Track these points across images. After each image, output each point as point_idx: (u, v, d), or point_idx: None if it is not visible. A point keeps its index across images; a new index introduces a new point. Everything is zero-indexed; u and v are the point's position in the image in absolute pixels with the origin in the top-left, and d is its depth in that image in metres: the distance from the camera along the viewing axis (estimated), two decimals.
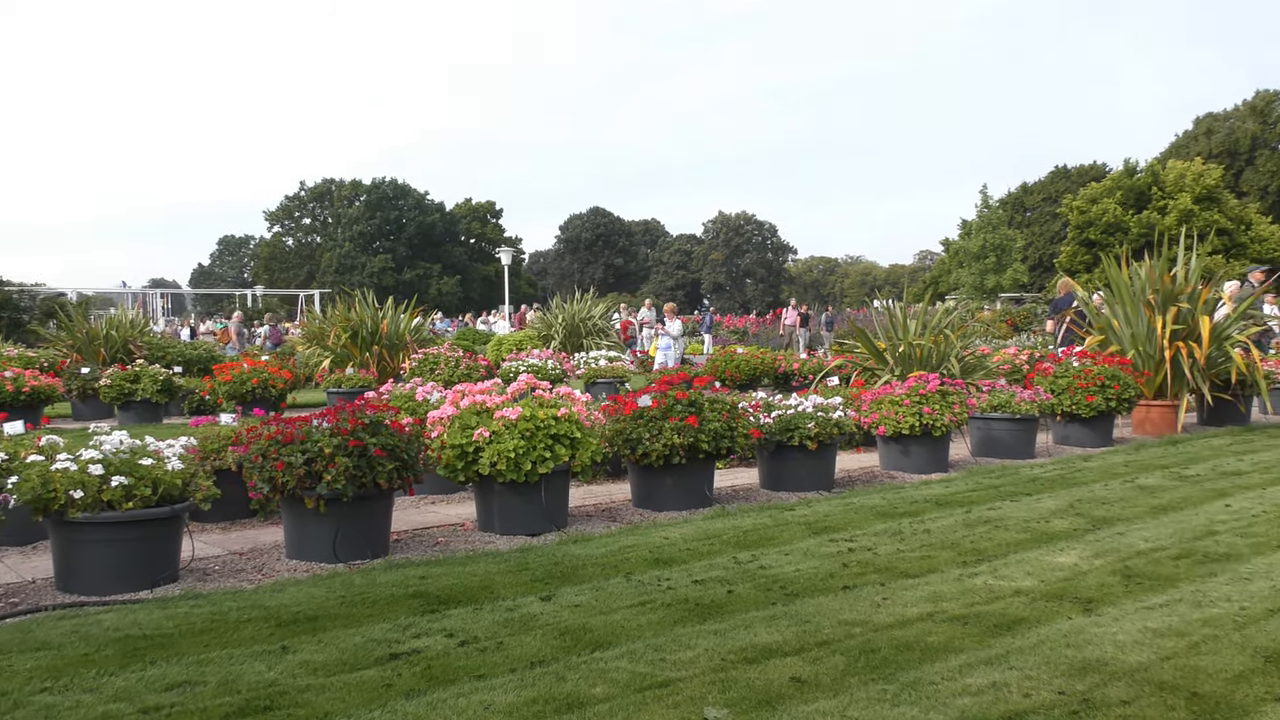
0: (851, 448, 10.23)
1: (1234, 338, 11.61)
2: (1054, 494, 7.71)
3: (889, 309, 11.74)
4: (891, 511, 7.08)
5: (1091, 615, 4.62)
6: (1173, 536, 6.21)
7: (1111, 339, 11.80)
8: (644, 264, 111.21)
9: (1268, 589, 5.02)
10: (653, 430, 7.04)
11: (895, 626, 4.45)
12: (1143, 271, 11.75)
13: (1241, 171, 63.29)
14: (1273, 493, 7.67)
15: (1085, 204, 53.68)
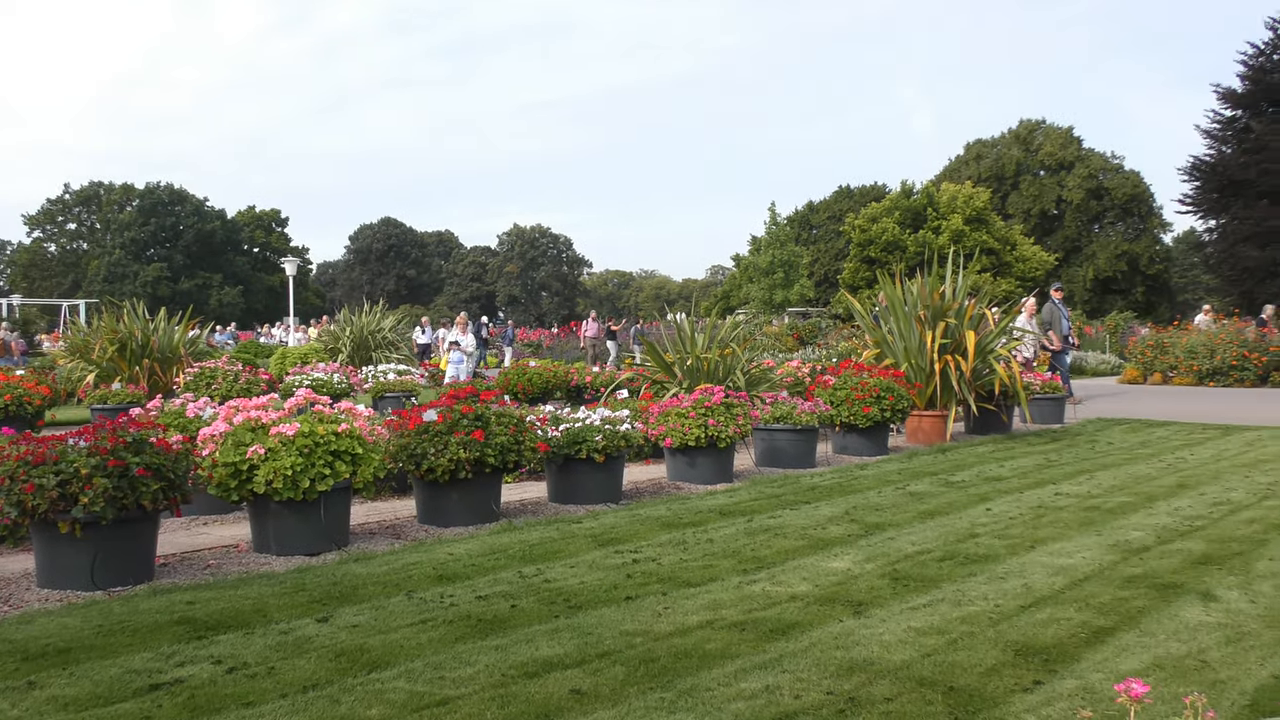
0: (640, 460, 10.40)
1: (997, 351, 12.46)
2: (831, 502, 8.06)
3: (677, 323, 12.01)
4: (677, 522, 7.23)
5: (861, 617, 4.85)
6: (938, 540, 6.60)
7: (887, 352, 12.46)
8: (437, 276, 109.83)
9: (1020, 587, 5.40)
10: (438, 445, 6.96)
11: (675, 635, 4.55)
12: (915, 288, 12.46)
13: (1008, 195, 67.97)
14: (1029, 496, 8.26)
15: (866, 223, 56.39)
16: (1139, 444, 11.75)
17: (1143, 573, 5.68)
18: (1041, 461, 10.33)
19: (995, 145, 70.71)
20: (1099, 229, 67.07)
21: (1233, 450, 11.06)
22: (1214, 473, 9.46)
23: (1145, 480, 9.05)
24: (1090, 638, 4.53)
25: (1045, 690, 3.87)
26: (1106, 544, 6.44)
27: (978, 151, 71.06)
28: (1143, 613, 4.90)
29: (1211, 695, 3.82)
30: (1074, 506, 7.77)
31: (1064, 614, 4.89)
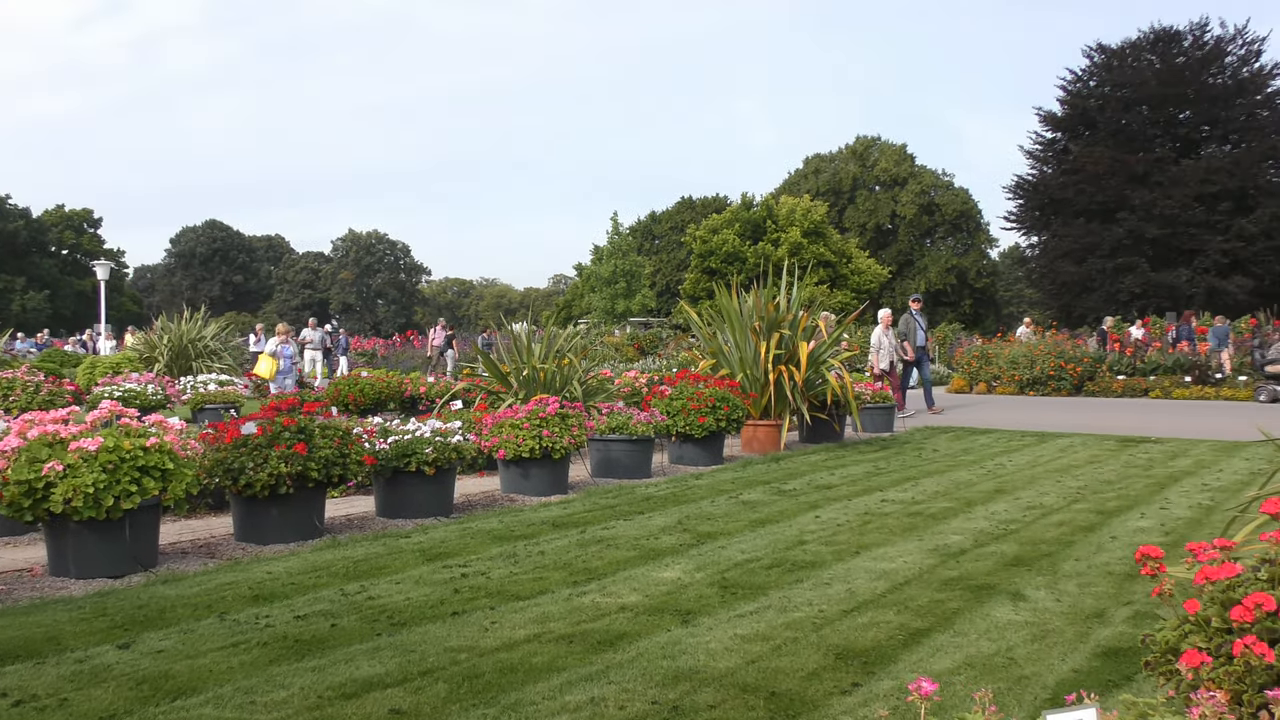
0: (474, 472, 10.31)
1: (829, 362, 12.84)
2: (665, 512, 8.15)
3: (514, 333, 11.97)
4: (509, 535, 7.20)
5: (689, 626, 4.92)
6: (768, 547, 6.75)
7: (723, 363, 12.70)
8: (266, 282, 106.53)
9: (844, 592, 5.57)
10: (257, 459, 6.74)
11: (501, 649, 4.52)
12: (750, 300, 12.74)
13: (845, 209, 70.26)
14: (857, 503, 8.54)
15: (707, 234, 57.40)
16: (962, 451, 12.29)
17: (959, 575, 5.93)
18: (870, 469, 10.68)
19: (833, 160, 73.02)
20: (930, 243, 69.98)
21: (1047, 456, 11.68)
22: (1029, 478, 9.97)
23: (966, 486, 9.47)
24: (908, 639, 4.71)
25: (863, 692, 4.00)
26: (927, 548, 6.71)
27: (816, 166, 73.25)
28: (957, 614, 5.12)
29: (1016, 690, 4.02)
30: (899, 513, 8.07)
31: (884, 617, 5.07)
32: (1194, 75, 47.64)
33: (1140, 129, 48.44)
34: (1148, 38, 49.54)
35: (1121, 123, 48.71)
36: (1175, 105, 48.46)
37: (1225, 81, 47.86)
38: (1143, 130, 48.45)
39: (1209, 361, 23.13)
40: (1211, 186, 44.96)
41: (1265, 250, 44.80)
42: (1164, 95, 47.78)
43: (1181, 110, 48.72)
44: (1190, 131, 48.97)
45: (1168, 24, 50.23)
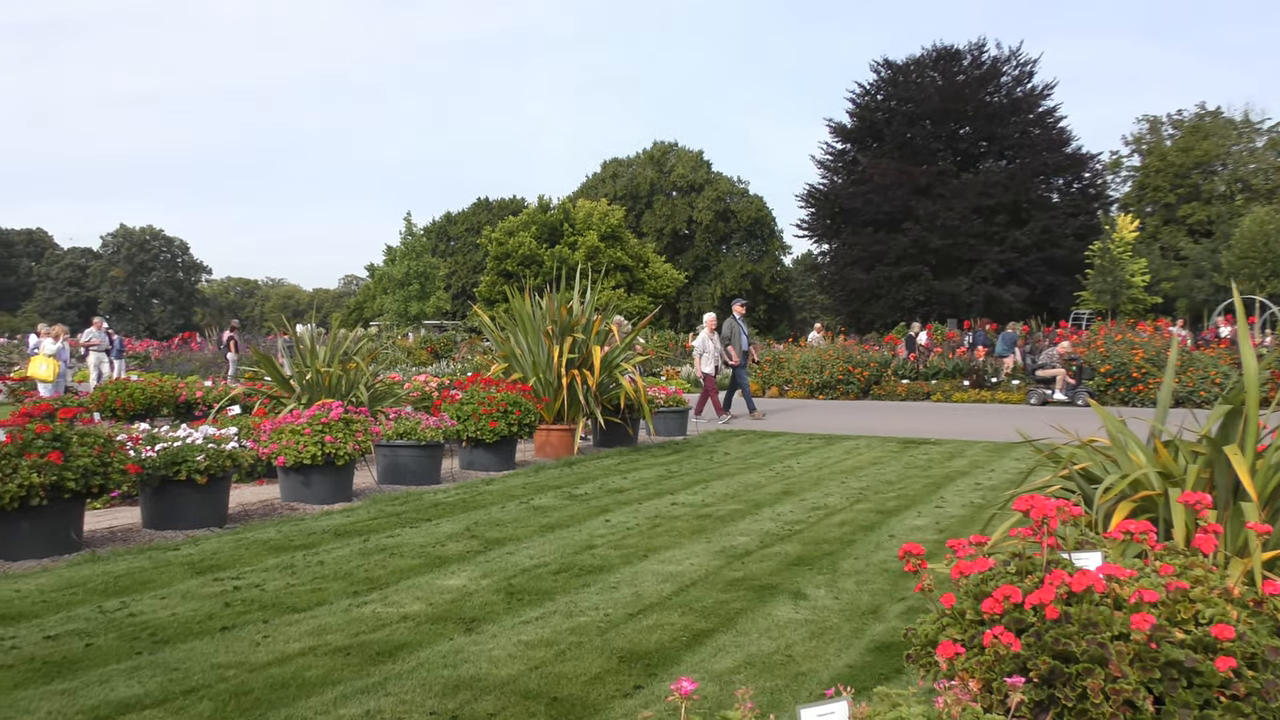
0: (253, 480, 9.95)
1: (623, 366, 13.01)
2: (453, 518, 8.07)
3: (297, 335, 11.62)
4: (287, 545, 6.98)
5: (472, 634, 4.89)
6: (556, 553, 6.78)
7: (515, 366, 12.68)
8: (27, 279, 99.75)
9: (631, 595, 5.65)
10: (5, 469, 6.31)
11: (274, 664, 4.38)
12: (544, 303, 12.77)
13: (642, 214, 71.27)
14: (648, 507, 8.67)
15: (504, 236, 57.21)
16: (753, 454, 12.66)
17: (743, 576, 6.11)
18: (663, 473, 10.88)
19: (631, 165, 73.98)
20: (726, 249, 71.80)
21: (834, 458, 12.17)
22: (816, 479, 10.36)
23: (755, 488, 9.76)
24: (691, 640, 4.82)
25: (644, 694, 4.07)
26: (714, 550, 6.88)
27: (614, 170, 74.04)
28: (740, 614, 5.28)
29: (793, 687, 4.17)
30: (688, 515, 8.24)
31: (669, 619, 5.17)
32: (973, 93, 50.64)
33: (924, 143, 51.11)
34: (931, 55, 52.35)
35: (907, 136, 51.28)
36: (956, 121, 51.38)
37: (1001, 100, 51.09)
38: (927, 144, 51.14)
39: (986, 366, 24.60)
40: (989, 200, 47.88)
41: (1037, 261, 48.03)
42: (946, 111, 50.60)
43: (962, 126, 51.69)
44: (970, 146, 52.02)
45: (949, 43, 53.01)
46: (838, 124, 53.42)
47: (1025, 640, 2.70)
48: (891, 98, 52.33)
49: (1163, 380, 4.72)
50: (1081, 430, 4.72)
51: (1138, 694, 2.54)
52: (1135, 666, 2.61)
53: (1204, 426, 3.97)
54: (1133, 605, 2.71)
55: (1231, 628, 2.65)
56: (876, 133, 52.38)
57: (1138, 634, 2.58)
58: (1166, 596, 2.80)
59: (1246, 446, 3.81)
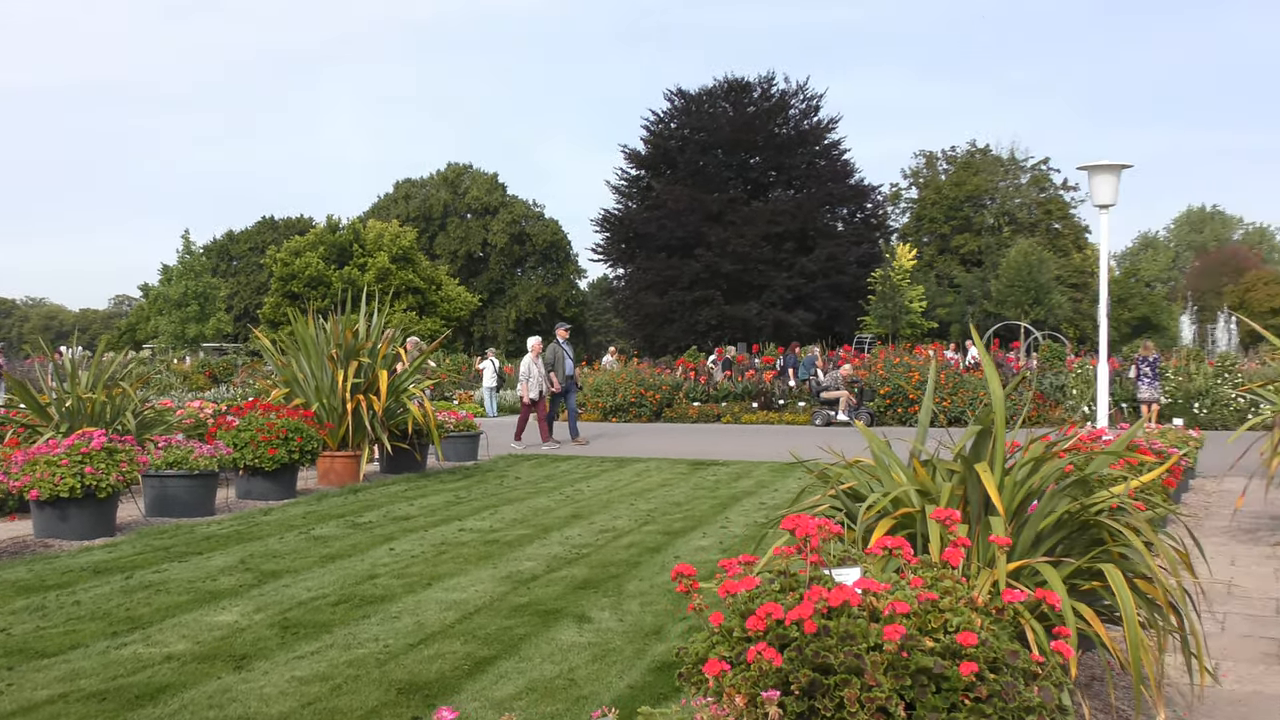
0: (4, 515, 9.30)
1: (410, 390, 12.82)
2: (227, 551, 7.76)
3: (55, 359, 10.96)
4: (39, 585, 6.56)
5: (243, 672, 4.72)
6: (336, 583, 6.62)
7: (297, 392, 12.31)
8: None
9: (412, 624, 5.57)
10: None
11: (18, 714, 4.12)
12: (329, 326, 12.46)
13: (436, 235, 70.46)
14: (434, 534, 8.57)
15: (289, 256, 55.50)
16: (544, 478, 12.68)
17: (529, 601, 6.12)
18: (451, 499, 10.76)
19: (424, 186, 73.09)
20: (522, 272, 71.76)
21: (624, 481, 12.32)
22: (605, 502, 10.47)
23: (544, 512, 9.78)
24: (473, 668, 4.79)
25: None
26: (500, 575, 6.86)
27: (407, 191, 72.99)
28: (524, 639, 5.28)
29: (574, 710, 4.20)
30: (476, 541, 8.19)
31: (451, 647, 5.12)
32: (763, 124, 52.44)
33: (716, 171, 52.54)
34: (722, 86, 53.92)
35: (700, 164, 52.59)
36: (747, 150, 53.05)
37: (790, 132, 53.10)
38: (718, 172, 52.58)
39: (774, 388, 25.42)
40: (778, 227, 49.59)
41: (823, 287, 50.03)
42: (737, 140, 52.18)
43: (753, 155, 53.41)
44: (760, 175, 53.79)
45: (740, 75, 54.71)
46: (632, 150, 54.31)
47: (788, 655, 2.81)
48: (685, 126, 53.58)
49: (930, 401, 5.00)
50: (857, 451, 4.94)
51: (891, 701, 2.68)
52: (889, 675, 2.75)
53: (957, 445, 4.24)
54: (887, 617, 2.86)
55: (975, 635, 2.83)
56: (670, 160, 53.51)
57: (890, 644, 2.72)
58: (918, 607, 2.96)
59: (995, 464, 4.08)
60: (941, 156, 67.26)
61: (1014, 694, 2.78)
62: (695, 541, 8.22)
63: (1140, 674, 3.60)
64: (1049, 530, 4.13)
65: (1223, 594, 6.53)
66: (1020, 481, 4.10)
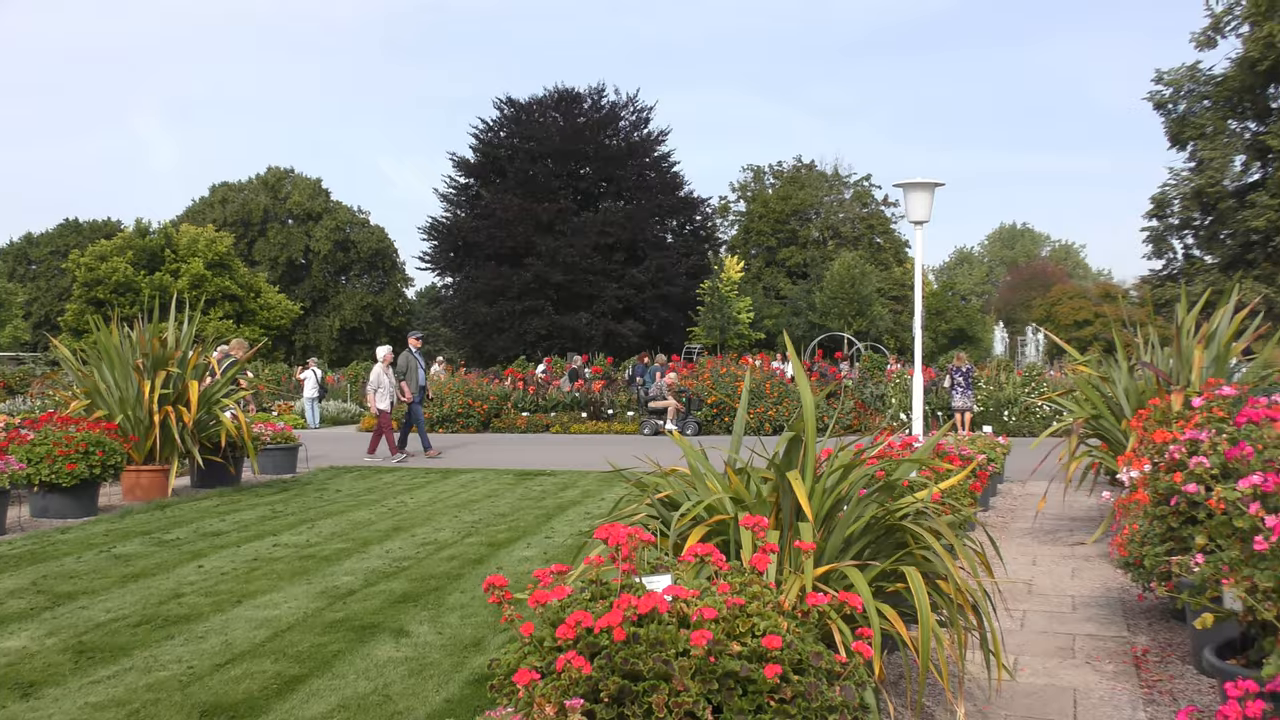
0: None
1: (223, 402, 12.38)
2: (17, 572, 7.35)
3: None
4: None
5: (30, 700, 4.48)
6: (138, 604, 6.34)
7: (99, 403, 11.73)
8: None
9: (220, 644, 5.39)
10: None
11: None
12: (134, 335, 11.93)
13: (255, 241, 68.25)
14: (247, 549, 8.30)
15: (94, 261, 52.86)
16: (366, 490, 12.43)
17: (345, 617, 5.99)
18: (267, 513, 10.45)
19: (243, 190, 70.72)
20: (346, 280, 70.20)
21: (449, 492, 12.18)
22: (429, 514, 10.33)
23: (364, 525, 9.59)
24: (283, 688, 4.66)
25: None
26: (315, 591, 6.70)
27: (224, 195, 70.47)
28: (338, 656, 5.17)
29: None
30: (291, 557, 7.97)
31: (260, 667, 4.98)
32: (593, 135, 52.75)
33: (546, 180, 52.52)
34: (552, 96, 54.01)
35: (530, 173, 52.50)
36: (577, 161, 53.25)
37: (620, 143, 53.57)
38: (549, 182, 52.57)
39: (602, 398, 25.56)
40: (608, 238, 49.94)
41: (652, 298, 50.59)
42: (567, 151, 52.34)
43: (583, 166, 53.64)
44: (591, 186, 54.07)
45: (570, 86, 54.91)
46: (461, 158, 53.85)
47: (598, 663, 2.84)
48: (515, 135, 53.44)
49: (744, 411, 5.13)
50: (681, 460, 5.02)
51: (698, 705, 2.73)
52: (697, 680, 2.81)
53: (772, 453, 4.35)
54: (695, 623, 2.92)
55: (780, 638, 2.92)
56: (500, 169, 53.28)
57: (697, 650, 2.78)
58: (726, 613, 3.04)
59: (806, 471, 4.21)
60: (769, 171, 68.95)
61: (817, 694, 2.88)
62: (519, 552, 8.20)
63: (934, 670, 3.77)
64: (858, 535, 4.28)
65: (1024, 592, 6.88)
66: (829, 488, 4.24)
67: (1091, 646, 5.47)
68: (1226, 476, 4.01)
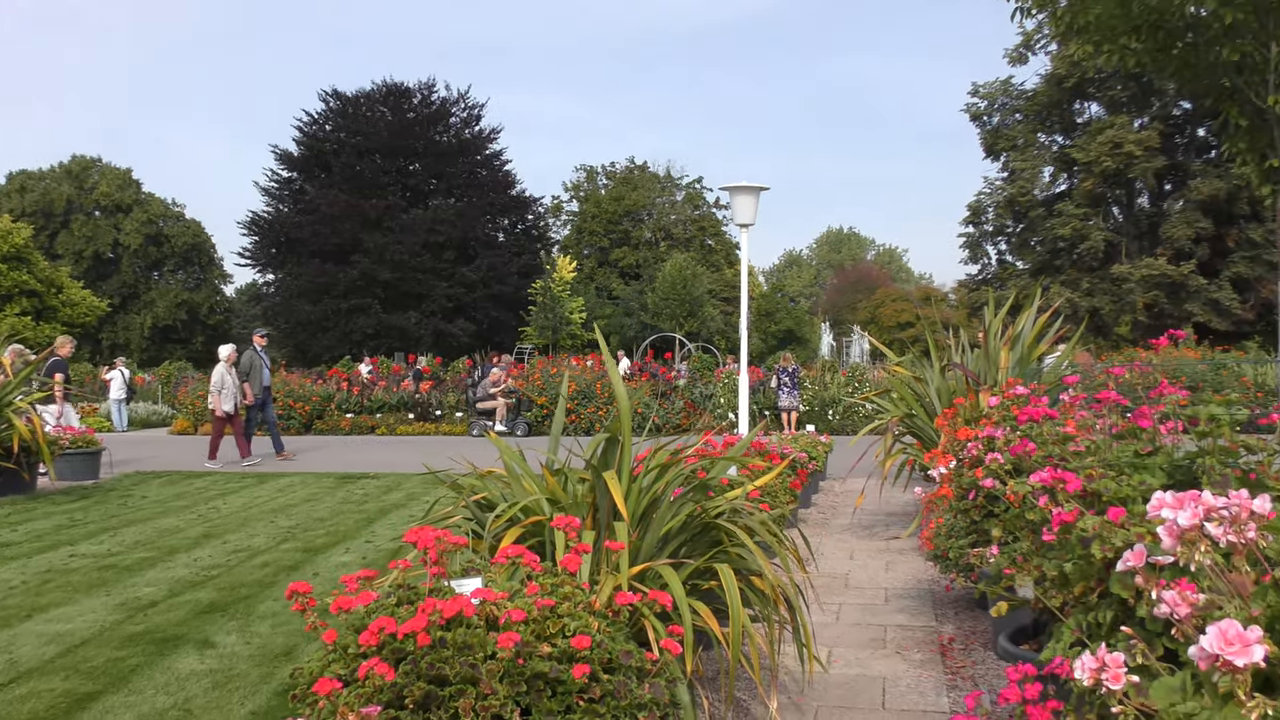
0: None
1: (16, 404, 11.72)
2: None
3: None
4: None
5: None
6: None
7: None
8: None
9: (3, 663, 5.10)
10: None
11: None
12: None
13: (57, 233, 64.88)
14: (39, 561, 7.87)
15: None
16: (175, 496, 11.95)
17: (145, 629, 5.75)
18: (64, 522, 9.93)
19: (44, 179, 67.08)
20: (159, 276, 67.43)
21: (264, 497, 11.82)
22: (242, 520, 10.00)
23: (172, 533, 9.22)
24: (73, 706, 4.44)
25: None
26: (115, 603, 6.40)
27: (22, 183, 66.67)
28: (136, 670, 4.95)
29: None
30: (88, 567, 7.60)
31: (49, 685, 4.73)
32: (423, 131, 52.03)
33: (374, 176, 51.53)
34: (381, 90, 53.01)
35: (356, 169, 51.40)
36: (406, 157, 52.44)
37: (451, 140, 52.98)
38: (377, 177, 51.59)
39: (429, 400, 25.22)
40: (438, 236, 49.34)
41: (484, 297, 50.25)
42: (396, 146, 51.49)
43: (412, 162, 52.85)
44: (420, 183, 53.30)
45: (400, 80, 54.01)
46: (284, 151, 52.33)
47: (402, 669, 2.80)
48: (341, 129, 52.26)
49: (556, 411, 5.16)
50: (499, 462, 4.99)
51: (505, 708, 2.72)
52: (505, 682, 2.80)
53: (587, 452, 4.37)
54: (503, 625, 2.91)
55: (590, 638, 2.93)
56: (325, 163, 52.02)
57: (504, 652, 2.76)
58: (536, 614, 3.03)
59: (623, 471, 4.24)
60: (602, 171, 69.29)
61: (626, 692, 2.91)
62: (337, 558, 8.01)
63: (746, 664, 3.85)
64: (674, 533, 4.34)
65: (840, 586, 7.09)
66: (646, 488, 4.28)
67: (902, 636, 5.68)
68: (1019, 472, 4.23)
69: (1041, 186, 51.19)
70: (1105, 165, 45.93)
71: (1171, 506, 2.25)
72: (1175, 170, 48.44)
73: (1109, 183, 47.88)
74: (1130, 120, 47.28)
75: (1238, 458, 3.05)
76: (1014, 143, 51.18)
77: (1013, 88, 51.03)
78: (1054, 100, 49.36)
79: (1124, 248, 48.14)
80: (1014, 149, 51.16)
